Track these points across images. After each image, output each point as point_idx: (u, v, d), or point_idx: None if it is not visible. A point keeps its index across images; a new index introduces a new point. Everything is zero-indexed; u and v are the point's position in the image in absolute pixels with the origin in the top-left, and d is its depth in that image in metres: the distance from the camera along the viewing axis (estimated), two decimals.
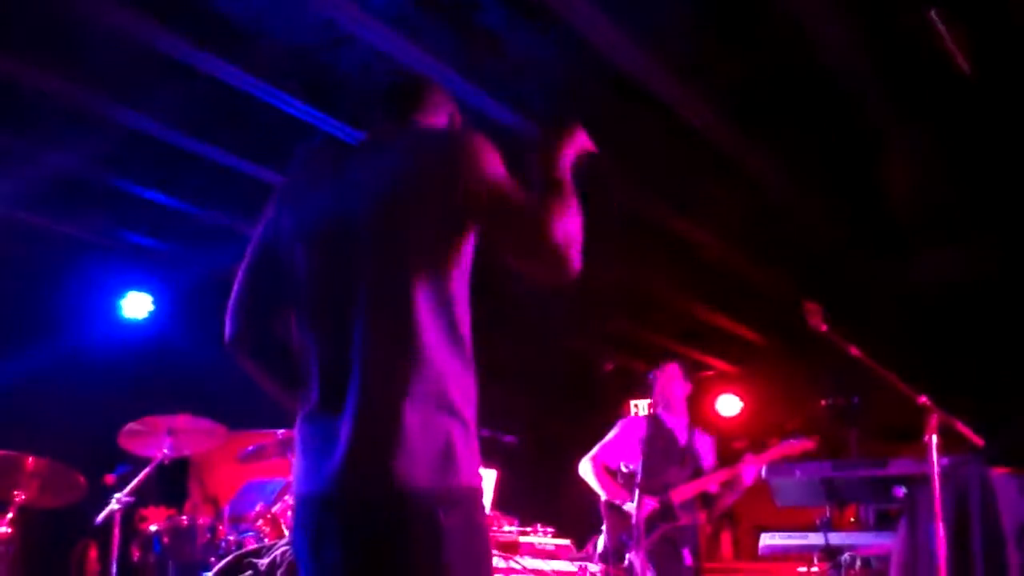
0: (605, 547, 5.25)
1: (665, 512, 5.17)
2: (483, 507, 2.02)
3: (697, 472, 5.41)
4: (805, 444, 5.34)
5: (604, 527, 5.30)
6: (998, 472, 3.96)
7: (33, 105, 5.16)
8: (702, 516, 5.38)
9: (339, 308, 2.00)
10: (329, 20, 4.43)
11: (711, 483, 5.35)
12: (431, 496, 1.88)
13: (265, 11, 4.45)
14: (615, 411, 10.06)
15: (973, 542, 3.84)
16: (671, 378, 5.51)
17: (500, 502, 5.32)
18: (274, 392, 2.21)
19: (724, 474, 5.35)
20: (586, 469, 5.42)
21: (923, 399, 3.37)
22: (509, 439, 5.39)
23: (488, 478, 4.79)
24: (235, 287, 2.19)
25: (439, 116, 2.27)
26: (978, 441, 3.35)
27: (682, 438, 5.48)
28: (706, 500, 5.37)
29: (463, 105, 2.41)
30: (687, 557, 5.21)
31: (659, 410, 5.51)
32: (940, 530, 3.27)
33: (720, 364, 10.70)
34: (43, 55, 4.72)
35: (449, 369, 1.96)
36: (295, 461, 2.06)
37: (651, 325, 9.41)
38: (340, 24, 4.45)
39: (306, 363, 2.06)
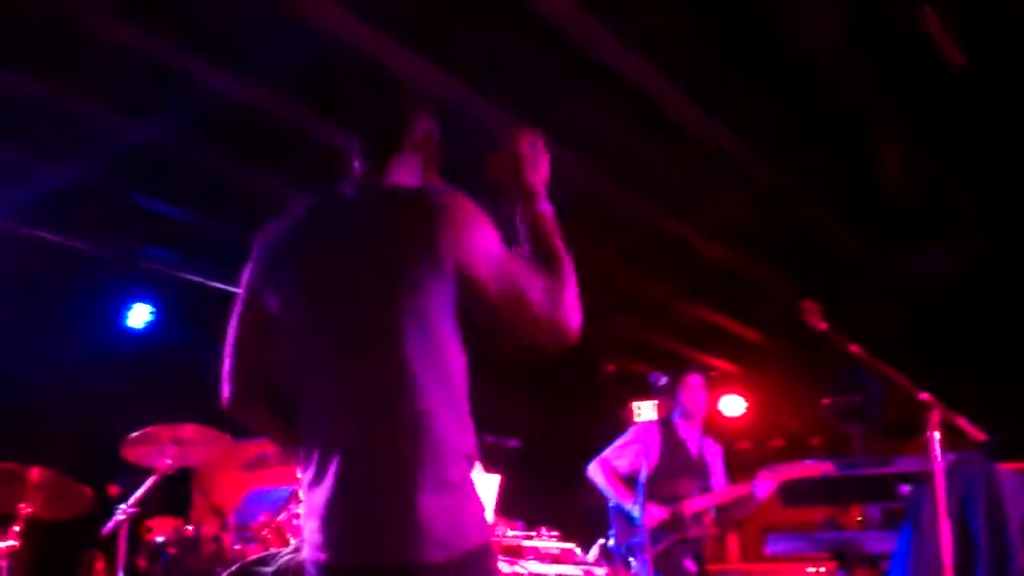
0: (612, 551, 5.24)
1: (675, 523, 5.14)
2: (494, 555, 2.03)
3: (707, 484, 5.37)
4: (823, 467, 5.28)
5: (612, 531, 5.29)
6: (1002, 467, 3.96)
7: (38, 119, 5.17)
8: (711, 528, 5.33)
9: (335, 376, 1.99)
10: (336, 33, 4.44)
11: (724, 498, 5.31)
12: (444, 568, 1.88)
13: (273, 24, 4.46)
14: (618, 413, 10.08)
15: (978, 538, 3.84)
16: (695, 390, 5.44)
17: (504, 506, 5.31)
18: (283, 445, 2.21)
19: (738, 490, 5.30)
20: (595, 471, 5.39)
21: (925, 395, 3.36)
22: (513, 443, 5.39)
23: (492, 483, 4.78)
24: (227, 349, 2.17)
25: (416, 153, 2.19)
26: (981, 437, 3.34)
27: (694, 449, 5.44)
28: (719, 511, 5.33)
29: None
30: (690, 566, 5.19)
31: (675, 418, 5.46)
32: (945, 527, 3.26)
33: (723, 364, 10.69)
34: (49, 69, 4.74)
35: (450, 432, 1.95)
36: (305, 524, 2.04)
37: (653, 326, 9.41)
38: (346, 38, 4.46)
39: (305, 426, 2.05)
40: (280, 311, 2.09)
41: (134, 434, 4.95)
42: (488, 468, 4.64)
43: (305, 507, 2.05)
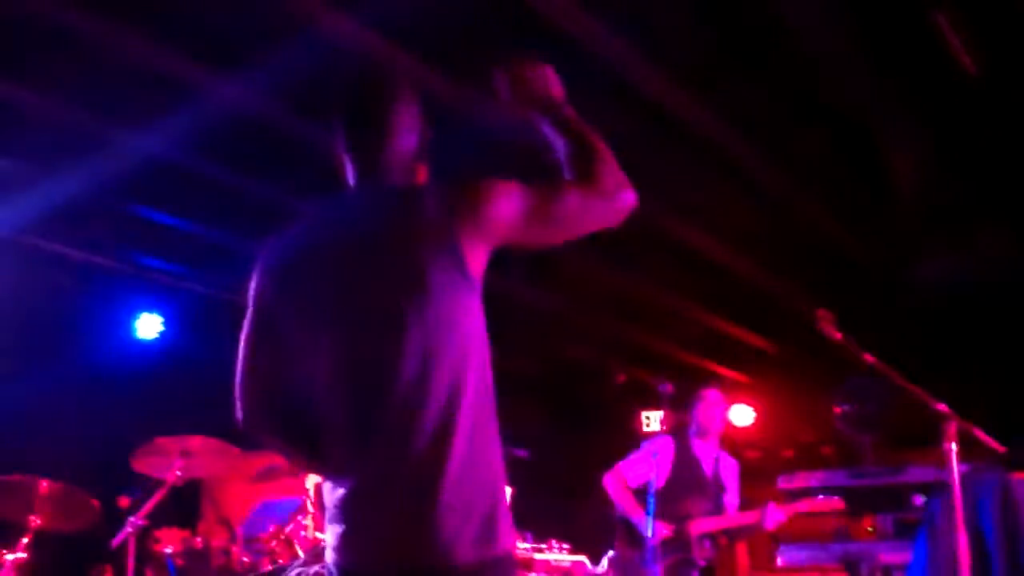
0: (612, 562, 5.19)
1: (679, 542, 5.08)
2: (518, 570, 2.04)
3: (718, 504, 5.31)
4: (834, 504, 5.23)
5: (615, 543, 5.25)
6: (1018, 477, 3.92)
7: (45, 132, 5.18)
8: (715, 550, 5.27)
9: (365, 377, 1.96)
10: (340, 43, 4.44)
11: (731, 524, 5.25)
12: (472, 570, 1.87)
13: (275, 33, 4.46)
14: (627, 423, 10.04)
15: (992, 549, 3.80)
16: (713, 405, 5.39)
17: (514, 518, 5.29)
18: (300, 462, 2.18)
19: (746, 518, 5.25)
20: (610, 483, 5.34)
21: (941, 406, 3.33)
22: (521, 453, 5.36)
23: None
24: (239, 365, 2.13)
25: (411, 148, 2.15)
26: (999, 447, 3.31)
27: (708, 468, 5.38)
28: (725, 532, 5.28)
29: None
30: None
31: (691, 434, 5.41)
32: (962, 538, 3.23)
33: (732, 374, 10.65)
34: (53, 81, 4.75)
35: (484, 431, 1.95)
36: (330, 529, 2.01)
37: (663, 336, 9.38)
38: (351, 46, 4.45)
39: (331, 429, 2.02)
40: (292, 323, 2.07)
41: (143, 446, 4.94)
42: None
43: (329, 513, 2.02)
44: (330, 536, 2.01)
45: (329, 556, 2.02)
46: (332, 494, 2.01)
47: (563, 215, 2.04)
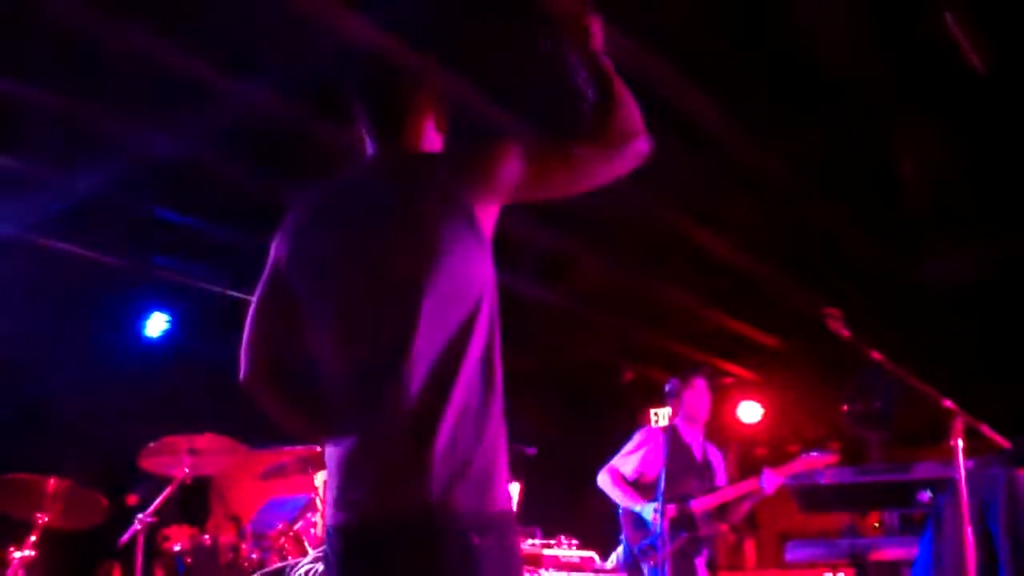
0: (623, 557, 5.23)
1: (685, 521, 5.14)
2: (516, 530, 2.00)
3: (713, 486, 5.39)
4: (827, 458, 5.28)
5: (623, 536, 5.29)
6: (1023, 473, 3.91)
7: (54, 130, 5.20)
8: (723, 527, 5.35)
9: (373, 335, 1.97)
10: (345, 39, 4.44)
11: (731, 495, 5.32)
12: (466, 520, 1.86)
13: (282, 31, 4.47)
14: (636, 420, 10.05)
15: (999, 544, 3.80)
16: (699, 393, 5.46)
17: (522, 514, 5.29)
18: (295, 426, 2.19)
19: (744, 487, 5.31)
20: (604, 480, 5.41)
21: (948, 403, 3.34)
22: (530, 451, 5.37)
23: (512, 491, 4.76)
24: (248, 324, 2.17)
25: (427, 120, 2.21)
26: (1005, 444, 3.31)
27: (698, 452, 5.47)
28: (722, 510, 5.34)
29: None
30: (700, 569, 5.17)
31: (678, 423, 5.48)
32: (969, 534, 3.23)
33: (740, 371, 10.65)
34: (64, 81, 4.76)
35: (485, 395, 1.96)
36: (327, 489, 2.04)
37: (671, 333, 9.38)
38: (356, 42, 4.46)
39: (335, 390, 2.04)
40: (303, 285, 2.10)
41: (151, 444, 4.97)
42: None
43: (328, 476, 2.04)
44: (328, 498, 2.03)
45: (327, 517, 2.03)
46: (331, 458, 2.03)
47: (568, 168, 2.08)
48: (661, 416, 9.72)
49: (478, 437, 1.92)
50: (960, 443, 3.27)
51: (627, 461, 5.41)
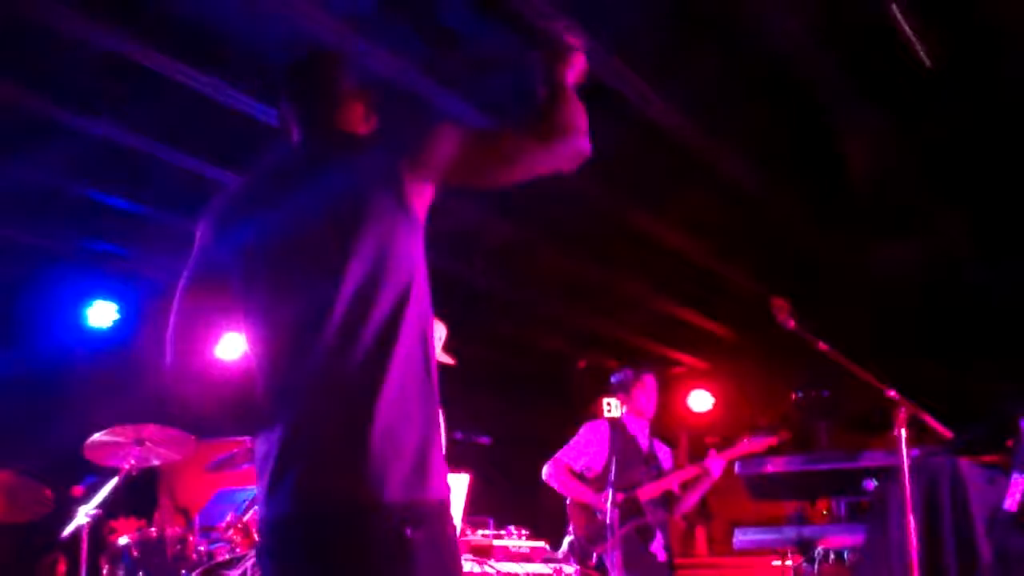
0: (571, 546, 5.24)
1: (631, 509, 5.17)
2: (452, 520, 1.97)
3: (661, 474, 5.43)
4: (769, 440, 5.40)
5: (571, 527, 5.30)
6: (967, 462, 3.99)
7: None
8: (669, 514, 5.40)
9: (305, 321, 1.96)
10: (294, 24, 4.39)
11: (676, 480, 5.37)
12: (398, 511, 1.83)
13: (229, 16, 4.41)
14: (589, 409, 10.09)
15: (944, 532, 3.87)
16: (648, 390, 5.50)
17: (474, 505, 5.30)
18: (217, 416, 2.13)
19: (690, 471, 5.37)
20: (549, 472, 5.40)
21: (892, 392, 3.39)
22: (483, 440, 5.37)
23: (461, 482, 4.75)
24: (173, 313, 2.12)
25: (355, 110, 2.22)
26: (946, 433, 3.37)
27: (644, 444, 5.51)
28: (669, 500, 5.38)
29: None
30: (660, 554, 5.22)
31: (625, 415, 5.53)
32: (911, 522, 3.28)
33: (691, 360, 10.74)
34: (3, 65, 4.66)
35: (419, 370, 1.94)
36: (258, 481, 2.00)
37: (622, 322, 9.43)
38: (304, 28, 4.41)
39: (266, 379, 2.01)
40: (232, 271, 2.08)
41: (96, 435, 4.88)
42: (457, 466, 4.62)
43: (257, 469, 2.00)
44: (260, 490, 1.99)
45: (258, 510, 2.00)
46: (260, 449, 1.99)
47: (500, 155, 2.09)
48: (614, 406, 9.77)
49: (414, 422, 1.90)
50: (904, 432, 3.32)
51: (572, 454, 5.41)
